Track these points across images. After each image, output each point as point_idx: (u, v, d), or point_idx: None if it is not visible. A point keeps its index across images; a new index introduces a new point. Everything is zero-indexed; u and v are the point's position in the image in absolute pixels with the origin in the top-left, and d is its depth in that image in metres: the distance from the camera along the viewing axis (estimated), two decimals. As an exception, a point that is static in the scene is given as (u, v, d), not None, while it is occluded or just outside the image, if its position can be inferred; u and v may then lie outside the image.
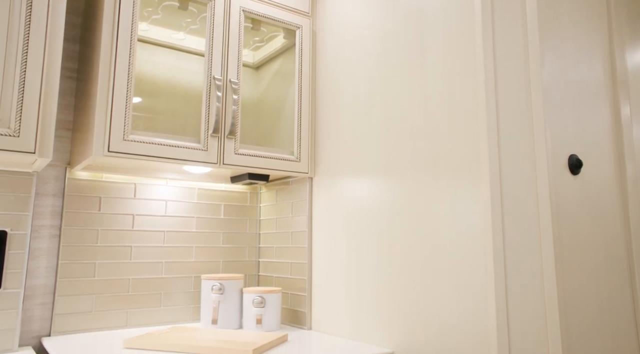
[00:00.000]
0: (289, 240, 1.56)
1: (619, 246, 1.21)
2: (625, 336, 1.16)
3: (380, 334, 1.19)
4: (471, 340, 0.98)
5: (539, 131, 1.07)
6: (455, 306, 1.02)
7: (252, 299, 1.39)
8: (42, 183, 1.33)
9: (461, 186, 1.04)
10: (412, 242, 1.14)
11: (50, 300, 1.30)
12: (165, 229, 1.51)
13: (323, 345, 1.21)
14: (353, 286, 1.29)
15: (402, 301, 1.14)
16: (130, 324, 1.41)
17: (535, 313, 1.00)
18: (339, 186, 1.39)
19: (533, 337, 0.98)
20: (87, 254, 1.37)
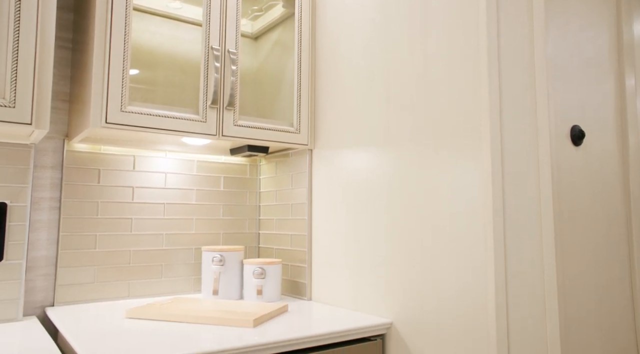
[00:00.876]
0: (289, 212, 1.56)
1: (619, 218, 1.21)
2: (622, 310, 1.17)
3: (380, 306, 1.20)
4: (469, 313, 0.99)
5: (542, 102, 1.06)
6: (455, 279, 1.03)
7: (253, 270, 1.40)
8: (41, 155, 1.32)
9: (462, 157, 1.03)
10: (412, 214, 1.14)
11: (52, 271, 1.32)
12: (165, 202, 1.51)
13: (323, 315, 1.23)
14: (353, 258, 1.30)
15: (401, 273, 1.15)
16: (132, 295, 1.43)
17: (534, 288, 1.00)
18: (339, 158, 1.39)
19: (531, 311, 0.99)
20: (87, 226, 1.37)
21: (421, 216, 1.11)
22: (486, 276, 0.96)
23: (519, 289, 0.98)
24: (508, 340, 0.95)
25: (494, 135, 0.98)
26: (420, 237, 1.11)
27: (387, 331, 1.17)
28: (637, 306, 1.20)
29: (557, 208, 1.04)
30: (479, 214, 0.99)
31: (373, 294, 1.23)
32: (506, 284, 0.97)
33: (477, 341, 0.97)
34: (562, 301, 1.01)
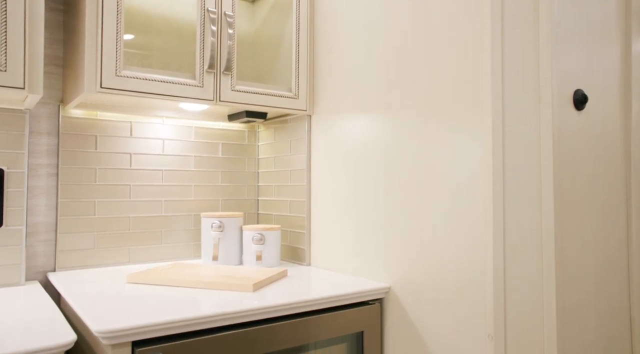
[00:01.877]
0: (287, 178, 1.56)
1: (619, 187, 1.21)
2: (619, 280, 1.19)
3: (378, 271, 1.22)
4: (467, 279, 1.00)
5: (545, 65, 1.03)
6: (453, 246, 1.03)
7: (252, 236, 1.41)
8: (36, 121, 1.30)
9: (462, 124, 1.02)
10: (411, 182, 1.13)
11: (53, 237, 1.32)
12: (163, 168, 1.50)
13: (322, 280, 1.24)
14: (352, 224, 1.31)
15: (400, 240, 1.16)
16: (132, 260, 1.44)
17: (532, 255, 1.01)
18: (338, 124, 1.37)
19: (529, 278, 1.00)
20: (86, 193, 1.37)
21: (420, 184, 1.11)
22: (484, 243, 0.97)
23: (517, 256, 0.99)
24: (505, 306, 0.97)
25: (495, 98, 0.97)
26: (419, 205, 1.11)
27: (386, 296, 1.19)
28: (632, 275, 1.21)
29: (558, 176, 1.03)
30: (479, 183, 0.98)
31: (372, 259, 1.24)
32: (504, 252, 0.97)
33: (473, 307, 0.99)
34: (559, 269, 1.02)
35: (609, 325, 1.14)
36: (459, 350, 1.01)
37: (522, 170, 1.01)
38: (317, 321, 1.08)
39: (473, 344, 0.99)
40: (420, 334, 1.09)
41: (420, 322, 1.10)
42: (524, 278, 1.00)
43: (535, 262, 1.02)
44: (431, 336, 1.07)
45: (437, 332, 1.06)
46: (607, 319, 1.13)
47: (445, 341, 1.04)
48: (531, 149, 1.03)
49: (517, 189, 1.00)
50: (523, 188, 1.01)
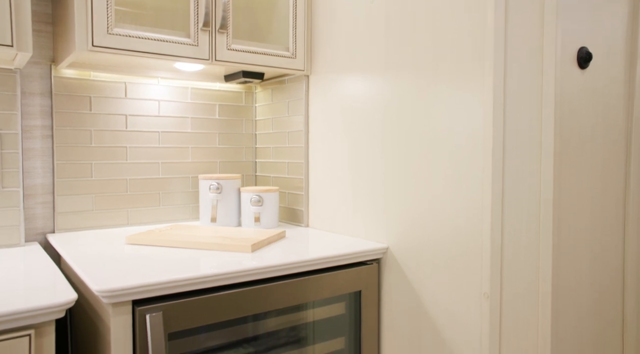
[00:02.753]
0: (285, 140, 1.55)
1: (620, 147, 1.20)
2: (615, 232, 1.19)
3: (376, 232, 1.22)
4: (465, 240, 1.01)
5: (550, 22, 1.00)
6: (452, 206, 1.03)
7: (250, 198, 1.41)
8: (28, 82, 1.28)
9: (463, 83, 1.00)
10: (411, 143, 1.12)
11: (50, 199, 1.32)
12: (159, 130, 1.49)
13: (320, 240, 1.25)
14: (350, 185, 1.31)
15: (398, 201, 1.16)
16: (131, 222, 1.45)
17: (530, 216, 1.01)
18: (336, 84, 1.35)
19: (525, 239, 1.01)
20: (82, 155, 1.36)
21: (420, 145, 1.10)
22: (483, 205, 0.97)
23: (515, 216, 0.99)
24: (501, 266, 0.98)
25: (497, 56, 0.94)
26: (418, 166, 1.10)
27: (383, 256, 1.20)
28: (628, 235, 1.22)
29: (558, 138, 1.02)
30: (479, 144, 0.97)
31: (370, 220, 1.24)
32: (502, 213, 0.97)
33: (470, 267, 1.00)
34: (556, 230, 1.02)
35: (602, 281, 1.15)
36: (455, 308, 1.03)
37: (523, 131, 1.00)
38: (315, 280, 1.09)
39: (469, 303, 1.00)
40: (417, 293, 1.11)
41: (417, 281, 1.11)
42: (521, 238, 1.00)
43: (533, 223, 1.02)
44: (428, 295, 1.09)
45: (434, 291, 1.07)
46: (602, 274, 1.15)
47: (442, 299, 1.06)
48: (532, 109, 1.01)
49: (517, 151, 0.99)
50: (523, 150, 1.00)
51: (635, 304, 1.22)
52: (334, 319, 1.20)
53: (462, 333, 1.02)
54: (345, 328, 1.20)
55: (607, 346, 1.16)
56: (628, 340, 1.20)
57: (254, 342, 1.13)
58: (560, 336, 1.03)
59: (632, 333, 1.21)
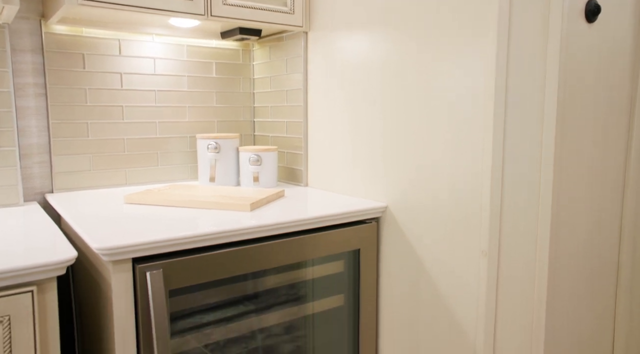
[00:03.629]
0: (284, 99, 1.52)
1: (623, 106, 1.18)
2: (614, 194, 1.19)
3: (375, 191, 1.22)
4: (464, 201, 1.01)
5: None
6: (452, 164, 1.02)
7: (249, 157, 1.40)
8: (17, 38, 1.24)
9: (465, 41, 0.97)
10: (411, 102, 1.10)
11: (47, 159, 1.31)
12: (155, 89, 1.46)
13: (319, 199, 1.25)
14: (349, 144, 1.29)
15: (398, 161, 1.15)
16: (129, 182, 1.44)
17: (530, 177, 1.00)
18: (335, 41, 1.31)
19: (525, 199, 1.01)
20: (77, 114, 1.34)
21: (420, 102, 1.08)
22: (483, 165, 0.96)
23: (514, 178, 0.99)
24: (500, 224, 0.98)
25: (502, 10, 0.91)
26: (418, 126, 1.09)
27: (382, 215, 1.20)
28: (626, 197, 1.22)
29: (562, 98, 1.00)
30: (480, 102, 0.95)
31: (369, 179, 1.24)
32: (503, 173, 0.97)
33: (469, 226, 1.00)
34: (556, 190, 1.02)
35: (600, 235, 1.16)
36: (454, 266, 1.04)
37: (525, 91, 0.98)
38: (314, 239, 1.10)
39: (467, 261, 1.01)
40: (416, 252, 1.12)
41: (415, 240, 1.12)
42: (521, 197, 1.00)
43: (533, 182, 1.01)
44: (426, 253, 1.10)
45: (432, 249, 1.08)
46: (599, 232, 1.16)
47: (440, 257, 1.07)
48: (536, 67, 0.99)
49: (519, 110, 0.98)
50: (525, 110, 0.98)
51: (631, 262, 1.24)
52: (333, 276, 1.21)
53: (460, 289, 1.03)
54: (345, 285, 1.22)
55: (600, 303, 1.18)
56: (620, 295, 1.22)
57: (254, 300, 1.15)
58: (556, 293, 1.04)
59: (625, 286, 1.23)
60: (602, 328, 1.19)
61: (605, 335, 1.20)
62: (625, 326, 1.24)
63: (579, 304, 1.12)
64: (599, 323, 1.18)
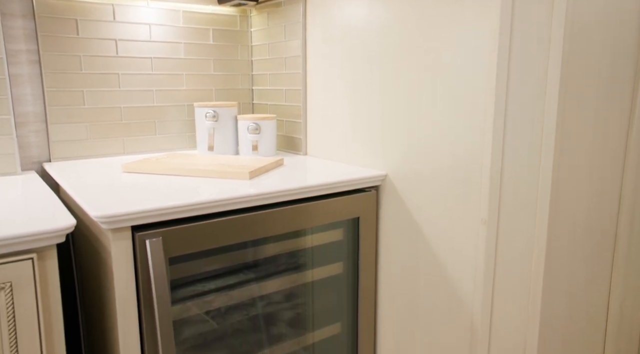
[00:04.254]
0: (282, 66, 1.50)
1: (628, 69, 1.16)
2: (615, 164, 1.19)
3: (375, 159, 1.21)
4: (465, 169, 1.00)
5: None
6: (452, 133, 1.01)
7: (247, 126, 1.39)
8: (7, 1, 1.20)
9: (467, 4, 0.94)
10: (411, 69, 1.08)
11: (44, 127, 1.30)
12: (152, 56, 1.43)
13: (318, 168, 1.24)
14: (349, 112, 1.28)
15: (398, 129, 1.14)
16: (127, 151, 1.43)
17: (531, 145, 0.99)
18: (335, 6, 1.28)
19: (526, 167, 1.00)
20: (73, 82, 1.32)
21: (421, 70, 1.06)
22: (484, 132, 0.95)
23: (516, 146, 0.98)
24: (500, 193, 0.98)
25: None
26: (418, 93, 1.07)
27: (382, 183, 1.20)
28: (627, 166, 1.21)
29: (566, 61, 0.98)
30: (482, 67, 0.93)
31: (369, 148, 1.23)
32: (503, 141, 0.96)
33: (469, 194, 1.00)
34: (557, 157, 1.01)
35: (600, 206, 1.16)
36: (453, 235, 1.04)
37: (529, 53, 0.96)
38: (313, 207, 1.10)
39: (466, 229, 1.01)
40: (415, 220, 1.12)
41: (415, 208, 1.12)
42: (522, 166, 1.00)
43: (534, 152, 1.00)
44: (425, 222, 1.10)
45: (432, 218, 1.08)
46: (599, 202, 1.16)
47: (439, 225, 1.07)
48: (541, 29, 0.96)
49: (522, 75, 0.96)
50: (528, 75, 0.97)
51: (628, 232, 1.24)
52: (332, 245, 1.22)
53: (458, 257, 1.04)
54: (344, 253, 1.22)
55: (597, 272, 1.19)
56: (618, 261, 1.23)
57: (254, 268, 1.16)
58: (554, 261, 1.05)
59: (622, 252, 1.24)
60: (598, 296, 1.21)
61: (600, 302, 1.22)
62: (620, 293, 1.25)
63: (576, 273, 1.13)
64: (595, 291, 1.19)
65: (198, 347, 1.13)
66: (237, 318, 1.20)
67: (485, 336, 1.02)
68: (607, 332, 1.24)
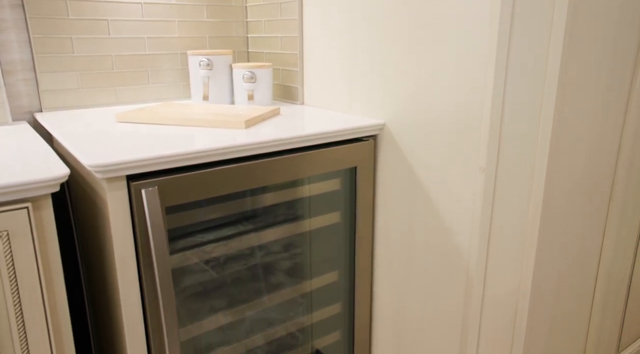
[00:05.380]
0: (278, 12, 1.44)
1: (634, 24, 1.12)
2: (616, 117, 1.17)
3: (373, 108, 1.19)
4: (464, 117, 0.98)
5: None
6: (453, 81, 0.99)
7: (242, 74, 1.35)
8: (-13, -59, 1.14)
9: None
10: (412, 10, 1.04)
11: (32, 76, 1.26)
12: (141, 1, 1.37)
13: (315, 117, 1.22)
14: (347, 60, 1.24)
15: (397, 76, 1.11)
16: (120, 101, 1.40)
17: (532, 94, 0.97)
18: (332, -56, 1.21)
19: (527, 114, 0.98)
20: (59, 28, 1.27)
21: (421, 14, 1.01)
22: (485, 80, 0.92)
23: (517, 93, 0.95)
24: (499, 143, 0.96)
25: None
26: (418, 39, 1.03)
27: (380, 132, 1.18)
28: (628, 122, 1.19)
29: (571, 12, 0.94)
30: (485, 12, 0.89)
31: (367, 97, 1.20)
32: (505, 88, 0.93)
33: (468, 142, 0.98)
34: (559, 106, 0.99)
35: (599, 158, 1.16)
36: (450, 183, 1.04)
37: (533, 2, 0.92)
38: (311, 156, 1.09)
39: (464, 177, 1.01)
40: (413, 169, 1.12)
41: (413, 157, 1.11)
42: (522, 113, 0.98)
43: (535, 100, 0.98)
44: (423, 171, 1.09)
45: (430, 165, 1.08)
46: (598, 154, 1.15)
47: (437, 174, 1.06)
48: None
49: (526, 22, 0.92)
50: (532, 21, 0.93)
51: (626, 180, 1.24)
52: (329, 194, 1.22)
53: (456, 205, 1.04)
54: (341, 203, 1.23)
55: (592, 222, 1.20)
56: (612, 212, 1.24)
57: (252, 219, 1.16)
58: (550, 211, 1.05)
59: (618, 203, 1.24)
60: (591, 245, 1.22)
61: (592, 251, 1.24)
62: (612, 243, 1.27)
63: (572, 223, 1.13)
64: (589, 241, 1.21)
65: (198, 295, 1.15)
66: (236, 268, 1.22)
67: (479, 283, 1.04)
68: (597, 279, 1.27)
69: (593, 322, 1.27)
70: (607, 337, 1.41)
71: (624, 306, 1.45)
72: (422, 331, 1.18)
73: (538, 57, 0.96)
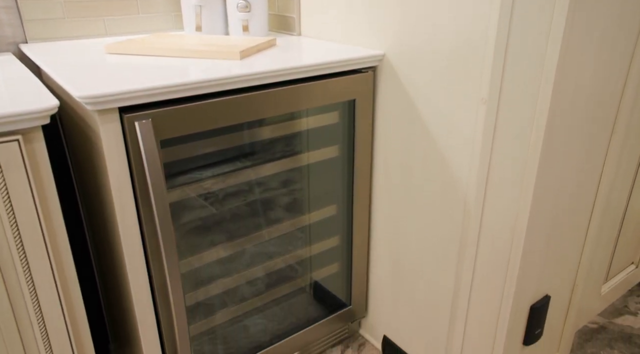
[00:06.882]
0: None
1: None
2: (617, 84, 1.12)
3: (372, 38, 1.14)
4: (466, 47, 0.94)
5: None
6: (455, 7, 0.94)
7: (237, 3, 1.29)
8: None
9: None
10: None
11: (14, 4, 1.19)
12: None
13: (313, 48, 1.18)
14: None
15: (396, 2, 1.05)
16: (109, 33, 1.34)
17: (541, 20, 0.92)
18: None
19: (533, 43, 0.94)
20: (40, -49, 1.18)
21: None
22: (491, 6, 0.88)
23: (523, 22, 0.91)
24: (502, 74, 0.93)
25: None
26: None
27: (379, 64, 1.14)
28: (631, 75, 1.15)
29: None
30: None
31: (366, 27, 1.15)
32: (511, 14, 0.88)
33: (469, 73, 0.95)
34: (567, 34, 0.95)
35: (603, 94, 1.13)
36: (451, 115, 1.02)
37: None
38: (308, 88, 1.06)
39: (465, 108, 0.99)
40: (413, 100, 1.09)
41: (413, 88, 1.08)
42: (528, 43, 0.94)
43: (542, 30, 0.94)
44: (423, 102, 1.07)
45: (430, 97, 1.05)
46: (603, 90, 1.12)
47: (437, 105, 1.04)
48: None
49: None
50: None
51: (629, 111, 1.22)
52: (327, 127, 1.20)
53: (456, 137, 1.02)
54: (339, 136, 1.21)
55: (593, 154, 1.19)
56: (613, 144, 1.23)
57: (250, 156, 1.15)
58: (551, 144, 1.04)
59: (619, 135, 1.23)
60: (590, 178, 1.22)
61: (591, 184, 1.24)
62: (611, 173, 1.27)
63: (572, 156, 1.13)
64: (588, 174, 1.21)
65: (197, 230, 1.17)
66: (235, 204, 1.22)
67: (477, 213, 1.05)
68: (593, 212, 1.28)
69: (585, 253, 1.30)
70: (597, 267, 1.45)
71: (616, 239, 1.48)
72: (419, 260, 1.21)
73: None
